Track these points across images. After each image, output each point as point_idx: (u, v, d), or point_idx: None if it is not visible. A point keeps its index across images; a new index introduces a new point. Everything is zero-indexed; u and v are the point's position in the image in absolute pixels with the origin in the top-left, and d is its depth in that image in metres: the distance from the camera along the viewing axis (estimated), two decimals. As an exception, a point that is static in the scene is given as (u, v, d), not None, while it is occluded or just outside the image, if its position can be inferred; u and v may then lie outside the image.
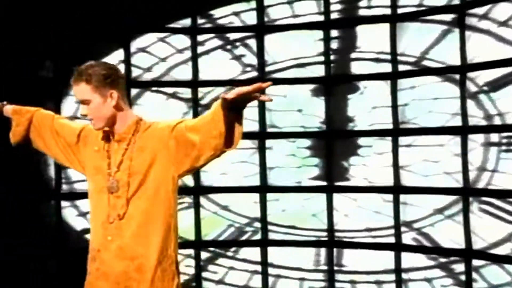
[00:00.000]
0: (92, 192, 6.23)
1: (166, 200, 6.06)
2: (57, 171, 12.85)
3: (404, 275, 12.88)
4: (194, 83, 12.94)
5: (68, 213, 12.85)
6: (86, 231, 12.38)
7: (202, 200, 13.07)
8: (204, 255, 13.12)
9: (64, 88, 12.81)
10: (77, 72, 6.03)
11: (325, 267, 13.32)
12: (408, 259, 12.88)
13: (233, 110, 5.87)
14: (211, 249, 13.16)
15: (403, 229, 12.83)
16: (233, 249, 13.02)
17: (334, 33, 13.16)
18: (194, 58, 13.07)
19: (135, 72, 12.69)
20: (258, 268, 13.32)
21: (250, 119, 13.21)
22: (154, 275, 5.93)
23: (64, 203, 12.89)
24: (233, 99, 5.82)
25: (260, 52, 13.32)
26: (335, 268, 13.31)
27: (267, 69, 13.27)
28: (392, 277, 12.88)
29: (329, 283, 13.38)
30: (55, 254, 12.69)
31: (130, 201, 5.94)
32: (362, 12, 13.13)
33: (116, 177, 6.02)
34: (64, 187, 12.97)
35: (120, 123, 6.12)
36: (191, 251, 13.00)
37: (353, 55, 13.22)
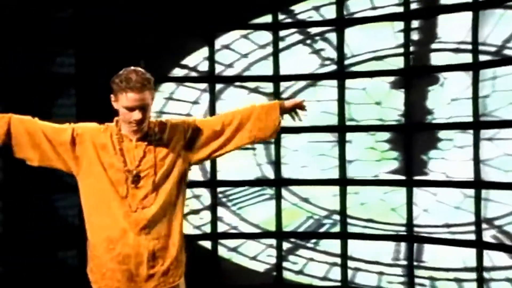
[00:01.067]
0: (97, 187, 5.16)
1: (184, 189, 5.34)
2: None
3: (485, 274, 10.33)
4: (276, 78, 9.75)
5: None
6: None
7: (283, 191, 9.85)
8: (284, 245, 9.91)
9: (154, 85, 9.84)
10: (141, 80, 5.03)
11: (404, 262, 9.40)
12: (489, 258, 10.25)
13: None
14: (292, 240, 10.11)
15: (483, 226, 10.30)
16: (313, 240, 9.90)
17: (414, 23, 9.38)
18: (275, 53, 9.73)
19: (218, 68, 9.86)
20: (337, 260, 9.79)
21: (329, 113, 9.71)
22: (179, 251, 5.31)
23: None
24: (289, 107, 5.70)
25: (339, 46, 9.69)
26: (415, 263, 9.39)
27: (346, 62, 9.70)
28: (472, 275, 10.23)
29: (408, 279, 9.28)
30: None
31: (155, 191, 5.19)
32: (442, 1, 10.32)
33: (138, 170, 5.16)
34: None
35: (148, 122, 5.20)
36: (272, 241, 9.83)
37: (433, 46, 10.08)
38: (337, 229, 9.85)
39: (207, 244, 9.90)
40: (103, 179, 4.98)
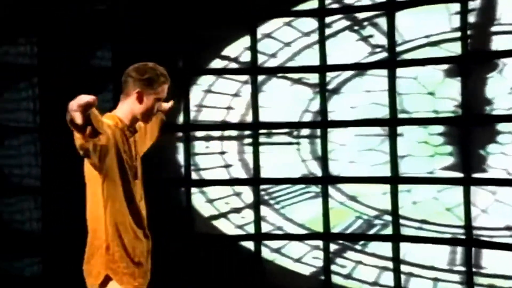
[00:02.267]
0: (122, 181, 4.23)
1: None
2: (186, 158, 8.13)
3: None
4: (321, 68, 7.98)
5: (196, 199, 8.15)
6: (214, 217, 8.27)
7: (330, 189, 8.08)
8: (331, 247, 8.19)
9: (193, 76, 8.22)
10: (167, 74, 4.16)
11: (461, 268, 7.53)
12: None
13: None
14: (339, 241, 8.19)
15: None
16: (361, 242, 8.10)
17: (471, 4, 7.46)
18: (321, 41, 7.97)
19: (260, 59, 8.07)
20: (389, 264, 7.91)
21: (379, 104, 7.91)
22: None
23: (194, 190, 8.17)
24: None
25: (390, 31, 7.79)
26: (473, 269, 7.44)
27: (397, 49, 7.83)
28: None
29: (466, 286, 7.39)
30: (183, 238, 8.18)
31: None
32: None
33: (136, 165, 4.24)
34: (193, 174, 8.24)
35: None
36: (319, 243, 8.08)
37: (492, 29, 7.36)
38: (388, 230, 7.86)
39: (249, 245, 8.11)
40: (126, 173, 4.11)
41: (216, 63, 7.92)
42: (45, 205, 7.79)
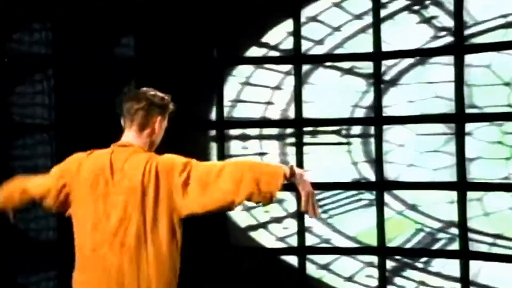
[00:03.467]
0: None
1: None
2: (220, 160, 6.07)
3: None
4: (376, 55, 5.93)
5: None
6: (252, 227, 6.32)
7: (386, 197, 6.00)
8: (388, 264, 6.05)
9: (227, 68, 6.26)
10: None
11: None
12: None
13: None
14: (397, 257, 6.05)
15: None
16: (423, 259, 5.92)
17: None
18: (376, 24, 5.92)
19: (304, 46, 6.09)
20: (456, 286, 5.80)
21: (444, 98, 5.81)
22: None
23: None
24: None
25: (457, 11, 5.70)
26: None
27: (465, 32, 5.71)
28: None
29: None
30: (217, 251, 6.32)
31: None
32: None
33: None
34: None
35: None
36: (373, 259, 6.04)
37: None
38: (455, 246, 5.76)
39: (292, 259, 6.17)
40: None
41: (254, 51, 6.21)
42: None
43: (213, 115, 6.22)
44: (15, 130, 5.96)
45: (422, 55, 5.83)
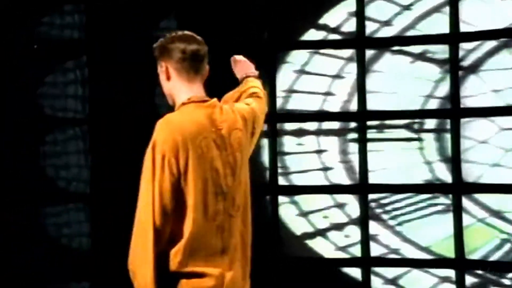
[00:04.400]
0: None
1: None
2: (272, 158, 5.01)
3: None
4: (452, 37, 4.70)
5: (285, 211, 5.09)
6: (308, 235, 5.01)
7: (465, 201, 4.72)
8: (468, 279, 4.73)
9: (280, 53, 5.10)
10: None
11: None
12: None
13: None
14: (478, 272, 4.76)
15: None
16: (510, 274, 4.60)
17: None
18: (453, 1, 4.71)
19: (369, 27, 4.88)
20: None
21: None
22: None
23: (281, 199, 5.11)
24: None
25: None
26: None
27: None
28: None
29: None
30: (267, 261, 4.96)
31: None
32: None
33: None
34: (281, 179, 5.10)
35: (176, 104, 2.56)
36: (450, 273, 4.76)
37: None
38: None
39: (355, 272, 5.01)
40: None
41: (311, 35, 5.07)
42: (94, 217, 4.94)
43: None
44: (45, 124, 5.10)
45: (508, 36, 4.71)
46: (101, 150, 4.96)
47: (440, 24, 4.81)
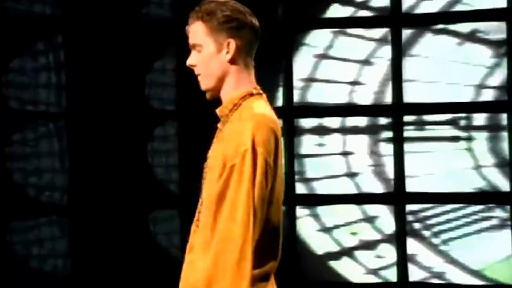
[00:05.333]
0: None
1: None
2: (288, 162, 4.22)
3: None
4: (511, 13, 3.99)
5: (304, 225, 4.31)
6: (332, 255, 4.23)
7: None
8: None
9: (298, 34, 4.37)
10: (197, 8, 2.10)
11: None
12: None
13: None
14: None
15: None
16: None
17: None
18: None
19: (406, 2, 4.05)
20: None
21: None
22: None
23: (299, 211, 4.32)
24: None
25: None
26: None
27: None
28: None
29: None
30: (287, 284, 3.93)
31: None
32: None
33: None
34: (299, 186, 4.35)
35: (226, 91, 2.06)
36: None
37: None
38: None
39: None
40: None
41: (336, 11, 4.32)
42: (73, 233, 4.17)
43: (279, 100, 4.52)
44: (12, 120, 4.35)
45: None
46: (80, 151, 4.37)
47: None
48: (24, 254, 4.28)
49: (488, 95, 4.27)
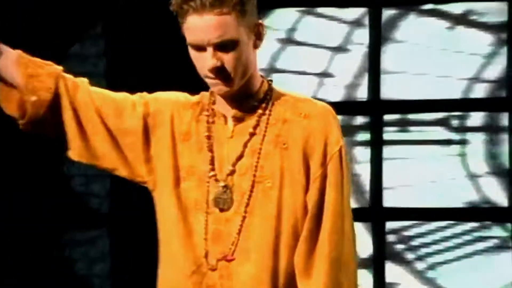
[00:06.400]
0: (170, 214, 1.53)
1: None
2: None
3: None
4: None
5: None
6: None
7: None
8: None
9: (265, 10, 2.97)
10: None
11: None
12: None
13: None
14: None
15: None
16: None
17: None
18: None
19: None
20: None
21: None
22: None
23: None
24: None
25: None
26: None
27: None
28: None
29: None
30: None
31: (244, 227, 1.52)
32: None
33: (228, 182, 1.46)
34: None
35: (245, 85, 1.52)
36: None
37: None
38: None
39: None
40: (184, 195, 1.61)
41: None
42: (114, 244, 3.60)
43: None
44: None
45: None
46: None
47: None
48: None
49: (483, 91, 3.77)
